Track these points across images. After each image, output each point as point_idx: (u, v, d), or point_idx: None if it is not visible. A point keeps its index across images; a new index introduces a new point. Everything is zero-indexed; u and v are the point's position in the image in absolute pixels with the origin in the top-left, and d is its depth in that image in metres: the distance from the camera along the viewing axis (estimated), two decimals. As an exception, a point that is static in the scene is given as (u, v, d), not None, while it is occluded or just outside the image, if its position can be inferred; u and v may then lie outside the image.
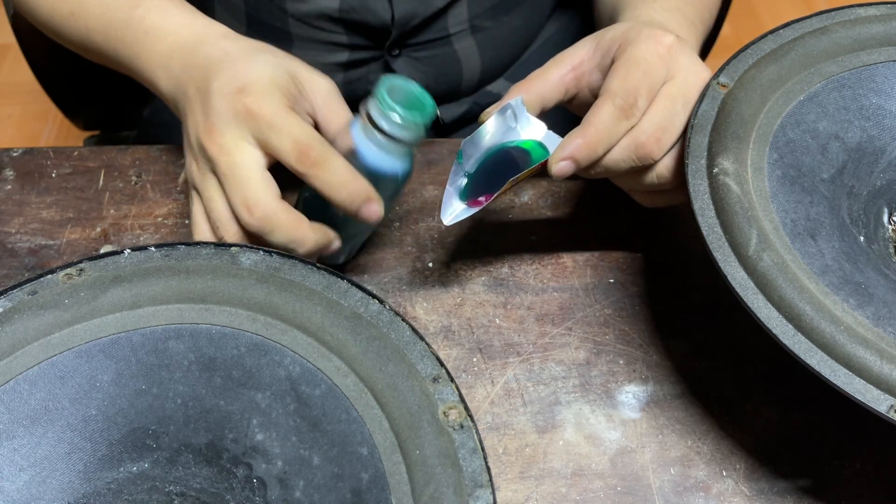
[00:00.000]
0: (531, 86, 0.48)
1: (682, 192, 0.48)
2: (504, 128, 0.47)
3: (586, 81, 0.49)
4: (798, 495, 0.44)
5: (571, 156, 0.44)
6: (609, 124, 0.44)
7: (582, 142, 0.44)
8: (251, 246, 0.42)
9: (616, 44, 0.47)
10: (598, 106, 0.45)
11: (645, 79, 0.45)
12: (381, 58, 0.70)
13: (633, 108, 0.45)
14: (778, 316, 0.39)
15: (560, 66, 0.48)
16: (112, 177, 0.58)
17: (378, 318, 0.39)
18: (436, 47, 0.70)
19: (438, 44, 0.70)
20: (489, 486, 0.34)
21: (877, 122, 0.48)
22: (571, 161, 0.44)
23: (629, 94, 0.44)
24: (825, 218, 0.44)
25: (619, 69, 0.45)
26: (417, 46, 0.69)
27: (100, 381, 0.39)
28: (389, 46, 0.68)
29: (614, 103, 0.44)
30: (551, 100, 0.48)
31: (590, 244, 0.54)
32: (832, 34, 0.49)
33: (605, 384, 0.48)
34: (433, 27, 0.69)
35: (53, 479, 0.38)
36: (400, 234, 0.55)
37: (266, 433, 0.39)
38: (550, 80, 0.48)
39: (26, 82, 1.56)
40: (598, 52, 0.48)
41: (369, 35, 0.68)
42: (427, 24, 0.68)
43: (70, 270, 0.41)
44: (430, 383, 0.37)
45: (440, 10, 0.67)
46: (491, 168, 0.46)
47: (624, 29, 0.47)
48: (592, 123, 0.44)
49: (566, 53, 0.49)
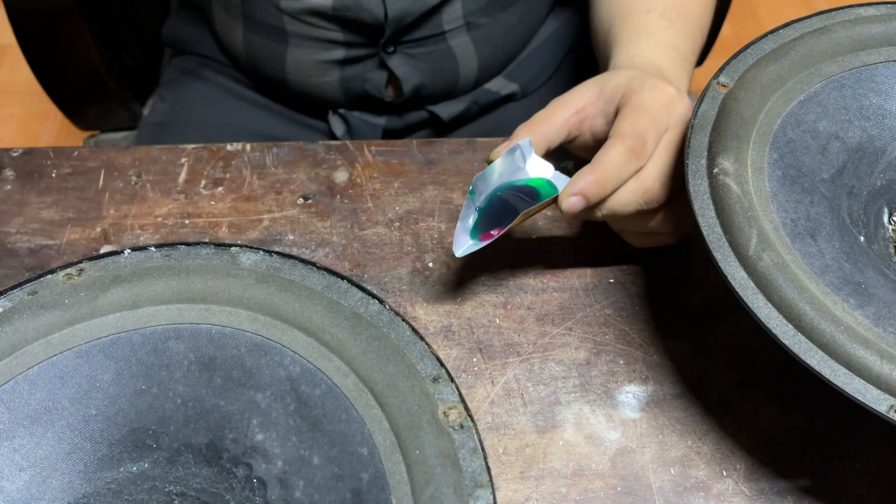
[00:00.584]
0: (537, 128, 0.49)
1: (673, 236, 0.50)
2: (513, 167, 0.48)
3: (588, 125, 0.50)
4: (798, 495, 0.44)
5: (582, 191, 0.46)
6: (619, 164, 0.46)
7: (592, 178, 0.45)
8: (251, 246, 0.42)
9: (620, 92, 0.49)
10: (609, 146, 0.46)
11: (653, 124, 0.47)
12: (377, 55, 0.70)
13: (643, 149, 0.46)
14: (778, 316, 0.39)
15: (564, 110, 0.50)
16: (112, 177, 0.58)
17: (378, 318, 0.39)
18: (431, 44, 0.70)
19: (434, 41, 0.70)
20: (489, 486, 0.34)
21: (877, 122, 0.48)
22: (581, 196, 0.46)
23: (639, 136, 0.46)
24: (825, 218, 0.44)
25: (628, 114, 0.47)
26: (413, 43, 0.70)
27: (100, 381, 0.39)
28: (384, 44, 0.69)
29: (625, 144, 0.46)
30: (555, 141, 0.50)
31: (590, 244, 0.54)
32: (832, 34, 0.49)
33: (605, 384, 0.48)
34: (428, 24, 0.69)
35: (53, 479, 0.38)
36: (400, 234, 0.55)
37: (266, 433, 0.39)
38: (555, 123, 0.49)
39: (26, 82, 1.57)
40: (601, 99, 0.49)
41: (364, 32, 0.68)
42: (421, 21, 0.68)
43: (70, 270, 0.41)
44: (430, 383, 0.37)
45: (434, 7, 0.67)
46: (501, 204, 0.48)
47: (627, 78, 0.49)
48: (603, 162, 0.46)
49: (570, 97, 0.50)
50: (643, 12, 0.57)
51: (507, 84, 0.77)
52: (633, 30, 0.56)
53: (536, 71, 0.78)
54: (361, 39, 0.68)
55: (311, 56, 0.69)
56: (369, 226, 0.55)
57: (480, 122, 0.78)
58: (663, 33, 0.55)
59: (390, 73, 0.71)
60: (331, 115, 0.75)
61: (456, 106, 0.75)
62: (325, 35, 0.68)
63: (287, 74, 0.72)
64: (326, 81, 0.71)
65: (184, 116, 0.77)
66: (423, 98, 0.74)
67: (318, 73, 0.71)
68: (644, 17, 0.56)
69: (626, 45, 0.55)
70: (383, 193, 0.57)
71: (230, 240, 0.54)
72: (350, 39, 0.68)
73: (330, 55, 0.69)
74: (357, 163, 0.59)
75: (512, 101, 0.79)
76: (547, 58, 0.79)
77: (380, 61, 0.70)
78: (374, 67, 0.71)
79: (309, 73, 0.71)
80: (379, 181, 0.58)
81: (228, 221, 0.56)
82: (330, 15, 0.66)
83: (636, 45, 0.55)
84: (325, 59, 0.69)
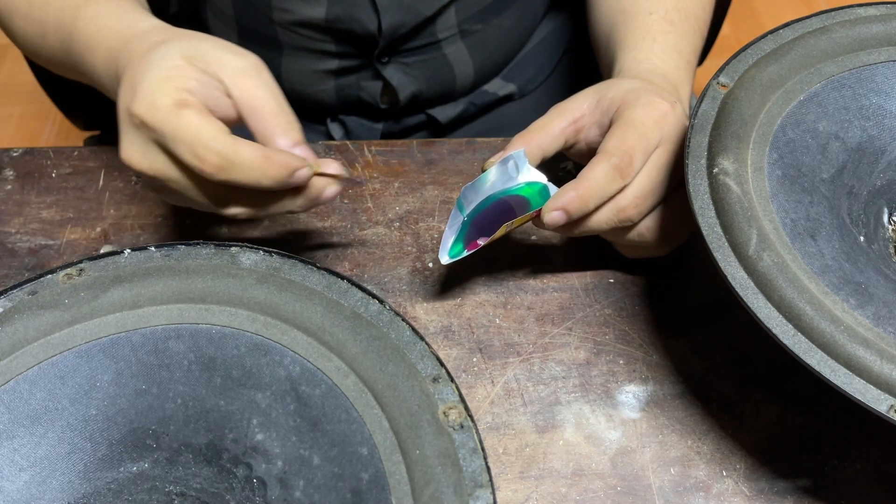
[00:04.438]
0: (533, 137, 0.49)
1: (661, 248, 0.51)
2: (505, 177, 0.49)
3: (584, 135, 0.50)
4: (798, 495, 0.44)
5: (564, 207, 0.46)
6: (603, 182, 0.46)
7: (575, 195, 0.46)
8: (251, 246, 0.42)
9: (615, 105, 0.49)
10: (595, 163, 0.46)
11: (641, 141, 0.47)
12: (372, 65, 0.70)
13: (629, 168, 0.46)
14: (778, 316, 0.39)
15: (561, 119, 0.50)
16: (112, 177, 0.58)
17: (378, 318, 0.39)
18: (425, 53, 0.70)
19: (428, 50, 0.69)
20: (489, 486, 0.34)
21: (877, 121, 0.48)
22: (563, 212, 0.46)
23: (625, 154, 0.46)
24: (825, 218, 0.44)
25: (617, 130, 0.47)
26: (406, 53, 0.69)
27: (100, 381, 0.39)
28: (378, 54, 0.68)
29: (610, 162, 0.46)
30: (551, 150, 0.50)
31: (590, 244, 0.54)
32: (832, 34, 0.49)
33: (605, 384, 0.48)
34: (422, 34, 0.68)
35: (53, 479, 0.38)
36: (400, 234, 0.55)
37: (266, 433, 0.39)
38: (551, 132, 0.49)
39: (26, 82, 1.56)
40: (598, 110, 0.49)
41: (357, 44, 0.67)
42: (415, 32, 0.68)
43: (70, 270, 0.41)
44: (430, 383, 0.37)
45: (428, 18, 0.67)
46: (489, 213, 0.48)
47: (624, 91, 0.49)
48: (588, 179, 0.46)
49: (567, 106, 0.50)
50: (645, 14, 0.57)
51: (504, 85, 0.77)
52: (636, 33, 0.56)
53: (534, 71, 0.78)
54: (355, 50, 0.68)
55: (306, 66, 0.69)
56: (369, 226, 0.55)
57: (479, 122, 0.78)
58: (667, 38, 0.55)
59: (385, 82, 0.71)
60: (329, 121, 0.75)
61: (453, 109, 0.75)
62: (318, 46, 0.68)
63: (283, 82, 0.72)
64: (322, 90, 0.71)
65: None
66: (420, 103, 0.74)
67: (314, 82, 0.71)
68: (647, 20, 0.56)
69: (631, 50, 0.55)
70: (383, 193, 0.57)
71: (230, 240, 0.54)
72: (343, 50, 0.68)
73: (324, 65, 0.69)
74: (357, 163, 0.59)
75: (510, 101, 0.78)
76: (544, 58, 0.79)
77: (375, 71, 0.70)
78: (369, 77, 0.70)
79: (304, 81, 0.71)
80: (379, 181, 0.58)
81: (228, 221, 0.56)
82: (322, 27, 0.66)
83: (640, 51, 0.55)
84: (319, 69, 0.69)
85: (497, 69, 0.76)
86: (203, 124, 0.41)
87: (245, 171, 0.41)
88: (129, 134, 0.43)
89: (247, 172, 0.41)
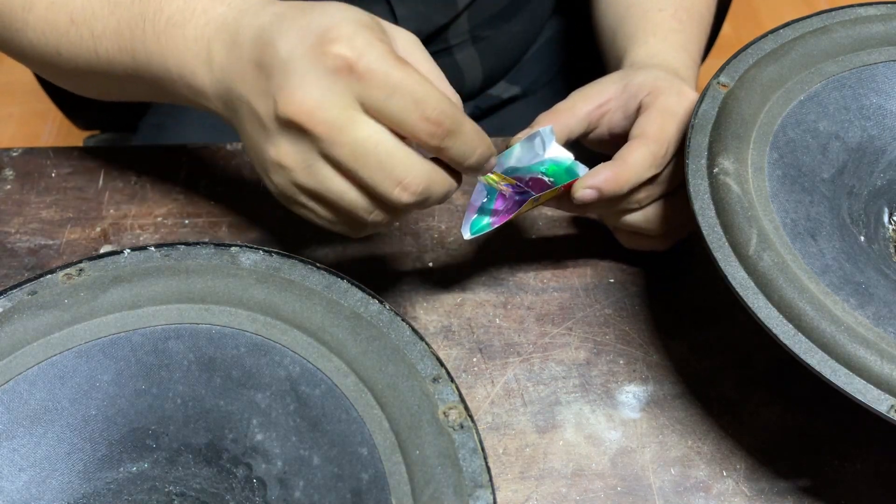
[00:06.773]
0: (559, 118, 0.49)
1: (661, 240, 0.50)
2: (531, 153, 0.48)
3: (607, 119, 0.50)
4: (798, 495, 0.44)
5: (599, 186, 0.45)
6: (641, 167, 0.45)
7: (612, 175, 0.45)
8: (251, 246, 0.42)
9: (645, 90, 0.48)
10: (635, 147, 0.46)
11: (677, 133, 0.47)
12: None
13: (665, 157, 0.46)
14: (778, 316, 0.39)
15: (587, 102, 0.49)
16: (112, 177, 0.58)
17: (378, 318, 0.39)
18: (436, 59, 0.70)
19: (439, 55, 0.70)
20: (489, 486, 0.34)
21: (877, 121, 0.48)
22: (597, 190, 0.45)
23: (664, 143, 0.46)
24: (825, 218, 0.44)
25: (657, 117, 0.47)
26: None
27: (100, 381, 0.39)
28: None
29: (650, 148, 0.46)
30: (576, 132, 0.50)
31: (590, 243, 0.54)
32: (832, 34, 0.49)
33: (605, 384, 0.48)
34: (435, 41, 0.68)
35: (53, 479, 0.38)
36: (400, 234, 0.55)
37: (266, 433, 0.39)
38: (578, 114, 0.49)
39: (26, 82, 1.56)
40: (624, 94, 0.49)
41: None
42: (429, 39, 0.68)
43: (70, 270, 0.41)
44: (430, 383, 0.37)
45: (442, 25, 0.67)
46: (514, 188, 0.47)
47: (653, 77, 0.49)
48: (626, 162, 0.45)
49: (593, 89, 0.50)
50: (656, 10, 0.56)
51: (509, 87, 0.77)
52: (647, 29, 0.56)
53: (538, 73, 0.78)
54: None
55: None
56: (369, 226, 0.55)
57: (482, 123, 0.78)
58: (677, 36, 0.55)
59: None
60: None
61: None
62: None
63: None
64: None
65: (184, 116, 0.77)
66: None
67: None
68: (657, 17, 0.56)
69: (643, 45, 0.55)
70: (383, 193, 0.57)
71: (230, 240, 0.54)
72: None
73: None
74: (357, 163, 0.59)
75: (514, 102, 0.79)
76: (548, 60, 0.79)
77: None
78: None
79: None
80: (379, 181, 0.58)
81: (228, 221, 0.56)
82: None
83: (653, 46, 0.55)
84: None
85: (504, 72, 0.76)
86: (430, 85, 0.36)
87: (464, 141, 0.37)
88: (323, 86, 0.35)
89: (466, 143, 0.37)
